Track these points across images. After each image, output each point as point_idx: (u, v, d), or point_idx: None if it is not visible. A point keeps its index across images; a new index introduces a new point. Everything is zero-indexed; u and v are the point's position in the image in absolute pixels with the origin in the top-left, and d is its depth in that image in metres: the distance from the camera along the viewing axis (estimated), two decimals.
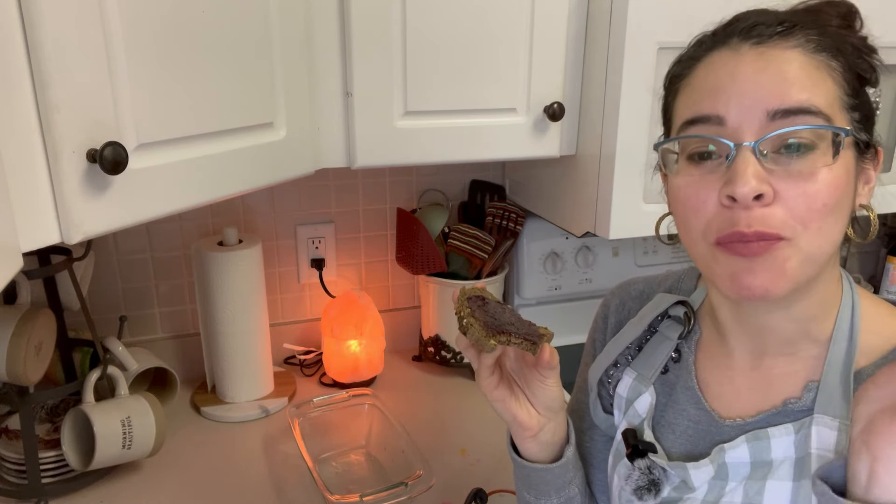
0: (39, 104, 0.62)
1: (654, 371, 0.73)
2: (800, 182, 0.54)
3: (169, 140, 0.75)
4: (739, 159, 0.54)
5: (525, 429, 0.70)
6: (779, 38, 0.55)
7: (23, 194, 0.62)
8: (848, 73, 0.57)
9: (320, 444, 1.15)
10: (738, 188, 0.53)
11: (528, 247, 1.43)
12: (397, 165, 1.14)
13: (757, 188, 0.53)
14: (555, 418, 0.71)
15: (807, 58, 0.55)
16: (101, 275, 1.28)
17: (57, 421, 1.14)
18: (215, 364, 1.29)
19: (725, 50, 0.57)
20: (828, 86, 0.55)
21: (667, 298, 0.74)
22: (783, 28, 0.55)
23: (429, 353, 1.43)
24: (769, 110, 0.54)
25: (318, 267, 1.42)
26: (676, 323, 0.73)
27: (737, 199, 0.54)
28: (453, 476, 1.10)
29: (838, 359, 0.62)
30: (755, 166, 0.54)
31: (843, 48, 0.57)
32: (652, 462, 0.67)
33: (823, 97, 0.55)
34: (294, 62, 0.92)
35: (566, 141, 1.10)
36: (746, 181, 0.53)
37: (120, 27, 0.67)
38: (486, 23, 1.00)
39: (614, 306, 0.82)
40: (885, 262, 1.71)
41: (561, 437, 0.73)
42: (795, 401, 0.63)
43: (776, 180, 0.54)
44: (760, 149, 0.54)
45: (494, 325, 0.64)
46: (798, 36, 0.55)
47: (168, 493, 1.07)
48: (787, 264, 0.55)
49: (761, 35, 0.56)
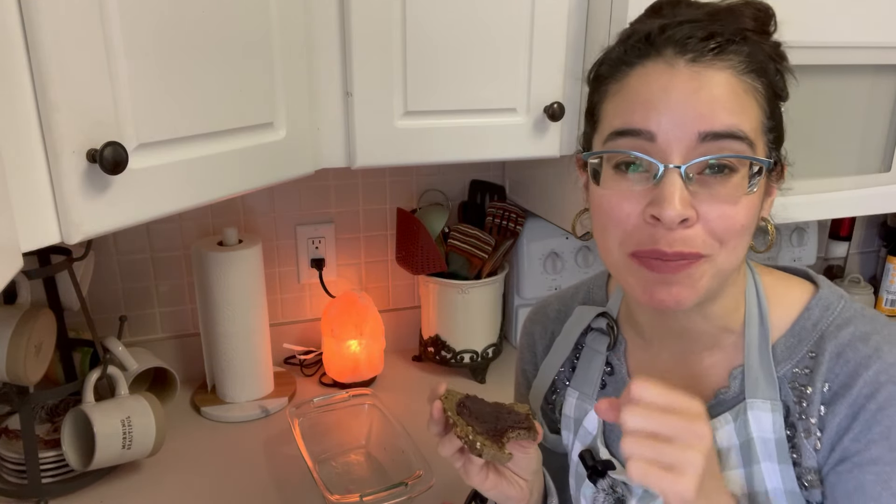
0: (39, 104, 0.62)
1: (594, 387, 0.74)
2: (721, 205, 0.56)
3: (169, 140, 0.75)
4: (667, 181, 0.55)
5: (518, 501, 0.72)
6: (712, 56, 0.56)
7: (23, 194, 0.62)
8: (768, 92, 0.58)
9: (320, 444, 1.15)
10: (665, 211, 0.55)
11: (528, 247, 1.43)
12: (397, 165, 1.14)
13: (682, 213, 0.55)
14: (537, 478, 0.73)
15: (737, 80, 0.56)
16: (101, 275, 1.28)
17: (57, 421, 1.14)
18: (215, 364, 1.29)
19: (660, 62, 0.57)
20: (753, 111, 0.57)
21: (587, 311, 0.76)
22: (716, 45, 0.56)
23: (429, 353, 1.43)
24: (700, 132, 0.55)
25: (318, 267, 1.42)
26: (601, 334, 0.75)
27: (663, 221, 0.55)
28: (453, 476, 1.09)
29: (754, 340, 0.65)
30: (682, 190, 0.55)
31: (766, 66, 0.58)
32: (613, 480, 0.69)
33: (748, 122, 0.56)
34: (294, 62, 0.92)
35: (566, 141, 1.10)
36: (673, 206, 0.54)
37: (120, 27, 0.67)
38: (485, 23, 1.00)
39: (538, 333, 0.84)
40: (885, 262, 1.71)
41: (542, 490, 0.75)
42: (725, 390, 0.66)
43: (698, 202, 0.56)
44: (687, 172, 0.55)
45: (494, 431, 0.65)
46: (730, 55, 0.56)
47: (168, 493, 1.07)
48: (702, 280, 0.58)
49: (696, 51, 0.56)
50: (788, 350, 0.64)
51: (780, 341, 0.65)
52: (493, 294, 1.39)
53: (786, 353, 0.64)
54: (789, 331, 0.65)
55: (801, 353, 0.63)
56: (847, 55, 1.08)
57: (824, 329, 0.63)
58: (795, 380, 0.63)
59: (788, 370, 0.63)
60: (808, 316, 0.65)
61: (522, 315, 1.51)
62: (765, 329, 0.65)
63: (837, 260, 1.78)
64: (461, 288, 1.35)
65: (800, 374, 0.63)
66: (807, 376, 0.62)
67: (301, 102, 0.95)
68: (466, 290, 1.35)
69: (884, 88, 1.14)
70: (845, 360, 0.61)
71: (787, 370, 0.63)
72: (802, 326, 0.64)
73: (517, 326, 1.52)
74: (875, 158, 1.18)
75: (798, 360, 0.63)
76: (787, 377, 0.63)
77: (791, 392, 0.63)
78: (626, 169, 0.58)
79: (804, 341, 0.64)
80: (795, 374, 0.63)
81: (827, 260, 1.79)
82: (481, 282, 1.36)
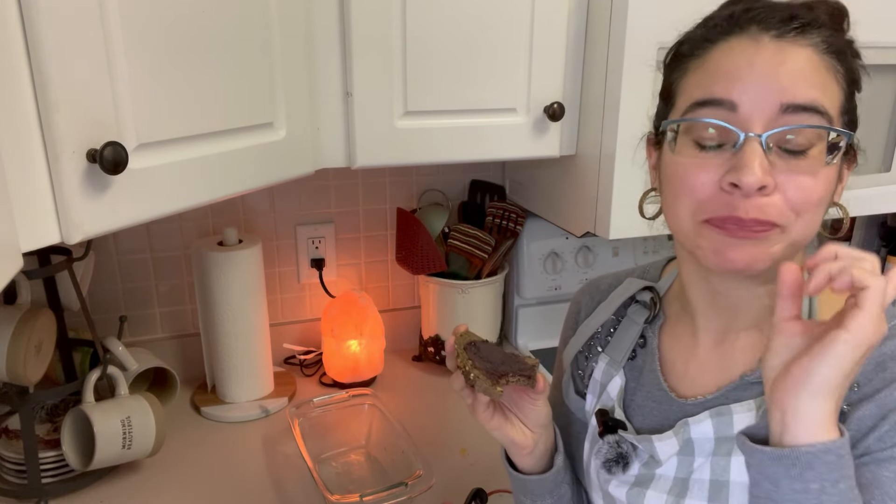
0: (39, 104, 0.62)
1: (624, 355, 0.76)
2: (799, 176, 0.56)
3: (169, 140, 0.75)
4: (748, 149, 0.56)
5: (521, 447, 0.74)
6: (796, 33, 0.57)
7: (23, 194, 0.62)
8: (847, 77, 0.59)
9: (320, 444, 1.15)
10: (744, 177, 0.55)
11: (528, 247, 1.43)
12: (397, 165, 1.14)
13: (762, 180, 0.55)
14: (545, 432, 0.75)
15: (819, 57, 0.57)
16: (101, 275, 1.28)
17: (57, 421, 1.14)
18: (215, 364, 1.29)
19: (745, 37, 0.58)
20: (833, 89, 0.58)
21: (635, 283, 0.78)
22: (799, 25, 0.57)
23: (429, 353, 1.43)
24: (783, 103, 0.55)
25: (318, 267, 1.42)
26: (643, 307, 0.76)
27: (742, 187, 0.56)
28: (453, 476, 1.10)
29: None
30: (762, 158, 0.55)
31: (845, 52, 0.59)
32: (620, 437, 0.71)
33: (829, 99, 0.57)
34: (294, 62, 0.92)
35: (566, 141, 1.10)
36: (753, 172, 0.55)
37: (120, 27, 0.67)
38: (486, 23, 1.00)
39: (584, 302, 0.86)
40: (885, 262, 1.71)
41: (550, 446, 0.77)
42: (751, 373, 0.66)
43: (777, 172, 0.56)
44: (768, 142, 0.56)
45: (494, 370, 0.69)
46: (813, 34, 0.57)
47: (168, 493, 1.07)
48: (774, 248, 0.58)
49: (779, 28, 0.57)
50: None
51: None
52: (493, 294, 1.39)
53: None
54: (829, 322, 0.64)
55: None
56: None
57: None
58: None
59: None
60: None
61: (522, 315, 1.51)
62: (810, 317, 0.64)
63: None
64: (461, 288, 1.35)
65: None
66: None
67: (301, 102, 0.94)
68: (466, 290, 1.35)
69: (884, 88, 1.14)
70: (883, 367, 0.61)
71: None
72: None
73: (517, 326, 1.52)
74: (875, 158, 1.18)
75: None
76: None
77: None
78: (704, 144, 0.59)
79: None
80: None
81: None
82: (481, 282, 1.36)
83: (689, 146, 0.60)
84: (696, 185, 0.59)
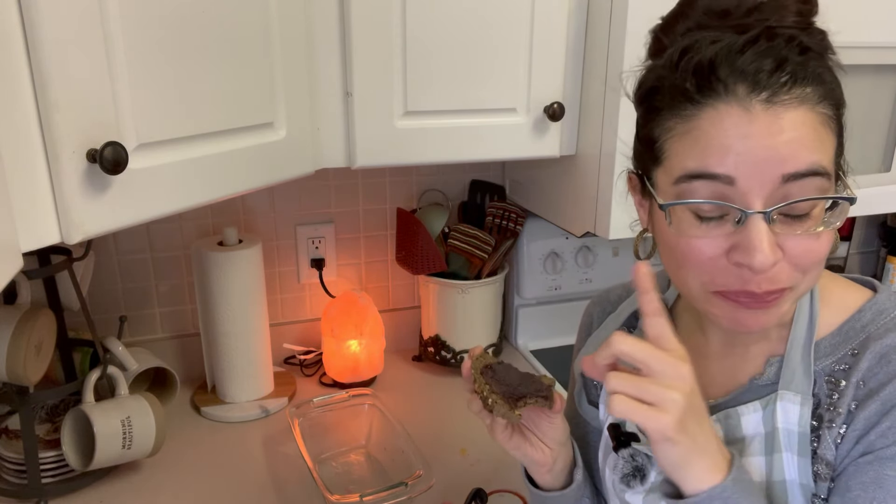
0: (39, 104, 0.62)
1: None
2: (804, 240, 0.56)
3: (169, 140, 0.75)
4: (753, 228, 0.54)
5: (541, 465, 0.75)
6: (786, 91, 0.53)
7: (23, 194, 0.62)
8: (837, 111, 0.57)
9: (320, 444, 1.15)
10: (755, 260, 0.54)
11: (528, 247, 1.43)
12: (397, 165, 1.14)
13: (773, 258, 0.54)
14: (564, 449, 0.75)
15: (813, 114, 0.54)
16: (101, 275, 1.28)
17: (57, 421, 1.14)
18: (215, 364, 1.29)
19: (734, 104, 0.54)
20: (830, 141, 0.56)
21: None
22: (787, 77, 0.54)
23: (429, 353, 1.43)
24: (784, 174, 0.53)
25: (318, 267, 1.42)
26: None
27: (753, 269, 0.55)
28: (453, 476, 1.10)
29: (800, 336, 0.65)
30: (769, 235, 0.54)
31: (824, 77, 0.56)
32: (635, 450, 0.71)
33: (827, 155, 0.55)
34: (294, 62, 0.92)
35: (566, 141, 1.10)
36: (764, 253, 0.54)
37: (120, 27, 0.67)
38: (486, 23, 1.00)
39: (596, 314, 0.85)
40: (884, 262, 1.71)
41: (569, 461, 0.77)
42: (759, 376, 0.66)
43: (782, 241, 0.55)
44: (771, 216, 0.54)
45: (511, 393, 0.70)
46: (803, 85, 0.54)
47: (168, 493, 1.07)
48: (785, 307, 0.59)
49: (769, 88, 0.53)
50: (832, 347, 0.64)
51: (825, 339, 0.65)
52: (493, 294, 1.39)
53: (828, 350, 0.64)
54: (837, 330, 0.65)
55: (843, 351, 0.64)
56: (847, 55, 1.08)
57: (872, 331, 0.63)
58: (832, 374, 0.63)
59: (827, 365, 0.64)
60: (859, 318, 0.65)
61: (522, 315, 1.51)
62: (812, 326, 0.65)
63: (837, 260, 1.78)
64: (461, 288, 1.35)
65: (838, 369, 0.63)
66: (844, 372, 0.63)
67: (301, 102, 0.94)
68: (466, 290, 1.35)
69: (884, 88, 1.14)
70: (887, 360, 0.61)
71: (825, 365, 0.64)
72: (851, 327, 0.64)
73: (517, 326, 1.52)
74: (875, 158, 1.18)
75: (839, 357, 0.64)
76: (824, 371, 0.64)
77: (825, 385, 0.63)
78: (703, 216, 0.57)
79: (849, 340, 0.64)
80: (834, 369, 0.63)
81: (827, 260, 1.78)
82: (481, 282, 1.36)
83: (687, 219, 0.58)
84: (702, 259, 0.57)
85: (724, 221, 0.56)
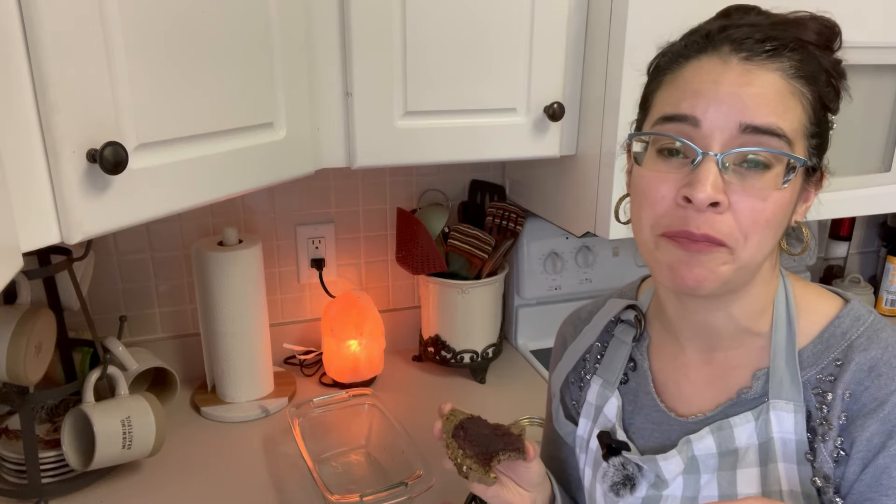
0: (39, 104, 0.62)
1: (617, 375, 0.77)
2: (751, 198, 0.58)
3: (169, 140, 0.75)
4: (703, 167, 0.58)
5: None
6: (766, 57, 0.58)
7: (23, 194, 0.62)
8: (816, 101, 0.60)
9: (320, 444, 1.15)
10: (697, 193, 0.57)
11: (528, 247, 1.43)
12: (397, 165, 1.14)
13: (713, 196, 0.57)
14: (541, 489, 0.76)
15: (785, 82, 0.58)
16: (101, 275, 1.28)
17: (57, 421, 1.14)
18: (215, 364, 1.29)
19: (715, 57, 0.59)
20: (797, 113, 0.59)
21: (618, 303, 0.79)
22: (771, 48, 0.58)
23: (429, 353, 1.43)
24: (741, 123, 0.57)
25: (318, 267, 1.42)
26: (629, 326, 0.77)
27: (693, 202, 0.58)
28: (453, 476, 1.09)
29: (781, 344, 0.66)
30: (716, 176, 0.57)
31: (817, 76, 0.60)
32: (625, 459, 0.71)
33: (790, 123, 0.58)
34: (294, 62, 0.92)
35: (566, 141, 1.10)
36: (704, 189, 0.57)
37: (120, 27, 0.67)
38: (486, 23, 1.00)
39: (569, 333, 0.86)
40: (885, 262, 1.71)
41: (548, 497, 0.78)
42: (747, 390, 0.67)
43: (731, 192, 0.58)
44: (724, 161, 0.58)
45: (484, 452, 0.71)
46: (784, 59, 0.58)
47: (168, 493, 1.07)
48: (722, 268, 0.60)
49: (751, 50, 0.58)
50: (815, 356, 0.65)
51: (807, 347, 0.66)
52: (493, 294, 1.39)
53: (812, 359, 0.65)
54: (817, 337, 0.66)
55: (826, 360, 0.64)
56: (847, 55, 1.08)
57: (853, 339, 0.64)
58: (819, 385, 0.64)
59: (813, 376, 0.64)
60: (839, 324, 0.66)
61: (522, 315, 1.51)
62: (792, 333, 0.66)
63: (837, 260, 1.78)
64: (461, 288, 1.35)
65: (823, 380, 0.64)
66: (830, 383, 0.63)
67: (301, 102, 0.94)
68: (466, 290, 1.35)
69: (884, 88, 1.14)
70: (877, 373, 0.61)
71: (811, 376, 0.65)
72: (832, 334, 0.65)
73: (517, 326, 1.52)
74: (875, 158, 1.18)
75: (823, 366, 0.64)
76: (810, 383, 0.64)
77: (813, 397, 0.64)
78: (668, 154, 0.61)
79: (831, 348, 0.65)
80: (819, 380, 0.64)
81: (827, 260, 1.79)
82: (481, 282, 1.36)
83: (653, 159, 0.62)
84: (656, 197, 0.61)
85: (685, 163, 0.60)
